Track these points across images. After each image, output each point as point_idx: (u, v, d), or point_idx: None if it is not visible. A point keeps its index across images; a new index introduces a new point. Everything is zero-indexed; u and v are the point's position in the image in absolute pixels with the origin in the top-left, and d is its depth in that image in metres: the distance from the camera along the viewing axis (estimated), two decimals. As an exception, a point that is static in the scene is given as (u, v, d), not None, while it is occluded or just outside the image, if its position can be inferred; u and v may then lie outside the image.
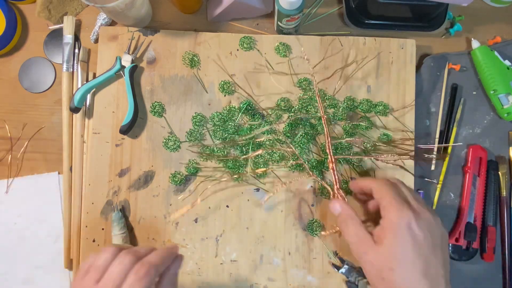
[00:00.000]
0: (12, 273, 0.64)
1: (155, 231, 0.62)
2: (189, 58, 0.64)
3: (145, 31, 0.65)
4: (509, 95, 0.64)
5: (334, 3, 0.69)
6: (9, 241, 0.65)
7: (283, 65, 0.65)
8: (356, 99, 0.64)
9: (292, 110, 0.64)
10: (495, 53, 0.65)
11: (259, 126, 0.63)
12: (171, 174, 0.63)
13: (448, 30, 0.68)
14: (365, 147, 0.63)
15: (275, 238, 0.62)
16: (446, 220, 0.65)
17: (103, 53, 0.64)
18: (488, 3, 0.69)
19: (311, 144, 0.63)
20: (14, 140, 0.67)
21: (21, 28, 0.68)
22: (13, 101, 0.67)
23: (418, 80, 0.66)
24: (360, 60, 0.65)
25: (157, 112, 0.64)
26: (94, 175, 0.63)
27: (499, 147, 0.66)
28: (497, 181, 0.65)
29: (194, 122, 0.64)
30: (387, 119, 0.64)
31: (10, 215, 0.65)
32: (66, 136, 0.65)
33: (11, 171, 0.66)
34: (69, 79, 0.66)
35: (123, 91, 0.64)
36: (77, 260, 0.63)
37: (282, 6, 0.58)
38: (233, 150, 0.63)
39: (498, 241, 0.64)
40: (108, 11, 0.57)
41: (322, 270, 0.62)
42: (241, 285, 0.62)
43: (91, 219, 0.62)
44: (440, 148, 0.65)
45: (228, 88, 0.64)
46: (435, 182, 0.64)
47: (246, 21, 0.68)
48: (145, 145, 0.64)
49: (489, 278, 0.64)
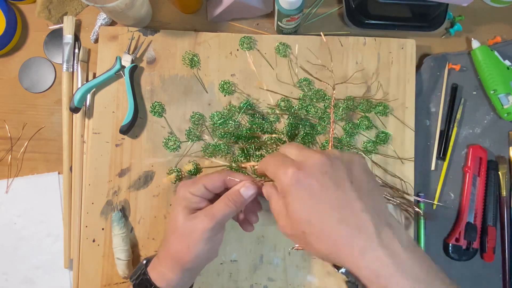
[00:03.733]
0: (12, 273, 0.64)
1: (155, 231, 0.62)
2: (189, 58, 0.64)
3: (145, 31, 0.65)
4: (509, 95, 0.64)
5: (334, 3, 0.69)
6: (9, 241, 0.65)
7: (283, 65, 0.65)
8: (356, 99, 0.64)
9: (292, 110, 0.64)
10: (495, 53, 0.65)
11: (259, 126, 0.63)
12: (167, 171, 0.63)
13: (448, 30, 0.68)
14: (364, 147, 0.63)
15: (275, 238, 0.62)
16: (446, 220, 0.65)
17: (103, 53, 0.64)
18: (488, 3, 0.69)
19: (311, 144, 0.63)
20: (14, 140, 0.67)
21: (21, 28, 0.68)
22: (13, 101, 0.67)
23: (418, 80, 0.66)
24: (360, 60, 0.65)
25: (157, 112, 0.64)
26: (94, 175, 0.63)
27: (499, 147, 0.66)
28: (497, 181, 0.65)
29: (193, 121, 0.64)
30: (387, 119, 0.64)
31: (10, 215, 0.65)
32: (66, 136, 0.65)
33: (11, 171, 0.66)
34: (69, 79, 0.66)
35: (123, 91, 0.64)
36: (77, 260, 0.63)
37: (282, 6, 0.58)
38: (235, 148, 0.63)
39: (498, 241, 0.64)
40: (108, 11, 0.57)
41: (322, 270, 0.62)
42: (241, 285, 0.62)
43: (91, 219, 0.62)
44: (440, 147, 0.65)
45: (228, 88, 0.64)
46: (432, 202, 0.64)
47: (246, 21, 0.68)
48: (145, 145, 0.64)
49: (489, 278, 0.64)
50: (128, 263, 0.60)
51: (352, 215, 0.38)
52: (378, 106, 0.64)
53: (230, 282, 0.62)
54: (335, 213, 0.38)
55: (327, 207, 0.38)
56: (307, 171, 0.39)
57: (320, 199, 0.38)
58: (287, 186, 0.39)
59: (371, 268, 0.36)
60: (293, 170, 0.39)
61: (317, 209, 0.38)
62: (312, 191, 0.38)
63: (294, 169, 0.39)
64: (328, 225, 0.38)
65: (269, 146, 0.62)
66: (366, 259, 0.36)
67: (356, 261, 0.37)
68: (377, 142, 0.63)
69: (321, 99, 0.64)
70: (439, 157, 0.65)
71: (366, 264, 0.36)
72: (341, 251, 0.37)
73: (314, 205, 0.38)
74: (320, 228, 0.38)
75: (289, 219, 0.40)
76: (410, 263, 0.36)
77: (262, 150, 0.63)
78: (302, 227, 0.39)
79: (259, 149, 0.63)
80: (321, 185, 0.39)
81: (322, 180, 0.39)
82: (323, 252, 0.39)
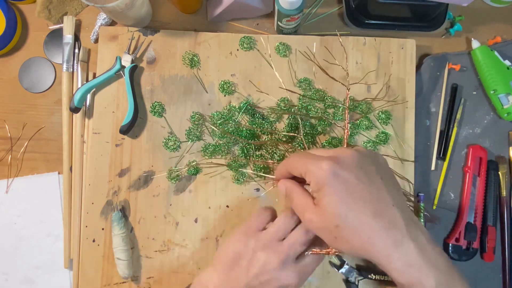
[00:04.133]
0: (12, 273, 0.64)
1: (155, 231, 0.62)
2: (189, 58, 0.64)
3: (145, 31, 0.65)
4: (509, 95, 0.64)
5: (334, 3, 0.69)
6: (9, 241, 0.65)
7: (283, 65, 0.65)
8: (356, 99, 0.64)
9: (292, 110, 0.64)
10: (495, 53, 0.65)
11: (259, 126, 0.63)
12: (167, 171, 0.63)
13: (448, 30, 0.68)
14: (364, 147, 0.63)
15: (275, 238, 0.62)
16: (446, 220, 0.65)
17: (103, 53, 0.64)
18: (488, 3, 0.69)
19: (311, 144, 0.63)
20: (14, 140, 0.67)
21: (21, 28, 0.68)
22: (13, 101, 0.67)
23: (418, 80, 0.66)
24: (360, 60, 0.65)
25: (157, 112, 0.64)
26: (94, 175, 0.63)
27: (499, 147, 0.66)
28: (497, 181, 0.65)
29: (193, 121, 0.64)
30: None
31: (10, 215, 0.65)
32: (66, 136, 0.65)
33: (11, 171, 0.66)
34: (69, 79, 0.66)
35: (123, 91, 0.64)
36: (77, 260, 0.63)
37: (282, 6, 0.58)
38: (235, 148, 0.63)
39: (498, 241, 0.64)
40: (108, 11, 0.57)
41: (322, 270, 0.62)
42: (241, 285, 0.62)
43: (91, 219, 0.62)
44: (440, 147, 0.65)
45: (228, 88, 0.64)
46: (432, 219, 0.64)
47: (246, 21, 0.68)
48: (145, 145, 0.64)
49: (489, 278, 0.64)
50: (128, 263, 0.60)
51: (385, 209, 0.39)
52: (381, 114, 0.64)
53: (230, 282, 0.62)
54: (370, 207, 0.38)
55: (362, 201, 0.39)
56: (343, 165, 0.39)
57: (355, 193, 0.39)
58: (323, 179, 0.39)
59: (404, 260, 0.38)
60: (329, 163, 0.39)
61: (353, 202, 0.38)
62: (348, 185, 0.39)
63: (330, 162, 0.39)
64: (363, 219, 0.38)
65: (269, 146, 0.62)
66: (400, 251, 0.38)
67: (390, 253, 0.38)
68: (377, 142, 0.63)
69: (321, 99, 0.64)
70: (439, 157, 0.65)
71: (399, 256, 0.38)
72: (375, 244, 0.38)
73: (350, 198, 0.38)
74: (356, 221, 0.38)
75: (320, 213, 0.40)
76: (435, 255, 0.39)
77: (262, 150, 0.63)
78: (337, 221, 0.38)
79: (259, 149, 0.63)
80: (357, 178, 0.39)
81: (357, 174, 0.39)
82: (355, 246, 0.39)
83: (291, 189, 0.44)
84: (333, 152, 0.41)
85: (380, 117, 0.64)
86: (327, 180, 0.39)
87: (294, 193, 0.43)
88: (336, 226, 0.39)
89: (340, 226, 0.38)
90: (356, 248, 0.39)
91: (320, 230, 0.41)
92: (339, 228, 0.39)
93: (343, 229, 0.38)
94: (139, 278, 0.62)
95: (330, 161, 0.39)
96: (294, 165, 0.43)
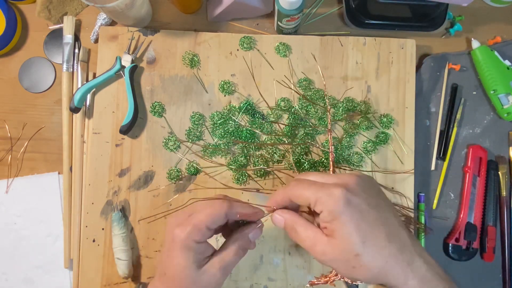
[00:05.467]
0: (12, 273, 0.64)
1: (155, 231, 0.62)
2: (189, 58, 0.64)
3: (145, 31, 0.65)
4: (509, 95, 0.64)
5: (334, 3, 0.69)
6: (9, 241, 0.65)
7: (283, 65, 0.65)
8: (355, 100, 0.64)
9: (292, 110, 0.64)
10: (495, 53, 0.65)
11: (259, 126, 0.63)
12: (168, 171, 0.63)
13: (448, 30, 0.68)
14: (364, 147, 0.63)
15: (275, 238, 0.62)
16: (446, 220, 0.65)
17: (103, 53, 0.64)
18: (488, 3, 0.69)
19: (311, 144, 0.63)
20: (14, 140, 0.67)
21: (21, 28, 0.68)
22: (13, 101, 0.67)
23: (418, 80, 0.66)
24: (360, 60, 0.65)
25: (157, 112, 0.64)
26: (94, 175, 0.63)
27: (499, 147, 0.66)
28: (497, 181, 0.65)
29: (193, 121, 0.64)
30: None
31: (10, 215, 0.65)
32: (66, 136, 0.65)
33: (11, 171, 0.66)
34: (69, 79, 0.66)
35: (123, 91, 0.64)
36: (77, 260, 0.63)
37: (282, 6, 0.58)
38: (235, 148, 0.63)
39: (498, 241, 0.64)
40: (108, 11, 0.57)
41: (322, 270, 0.62)
42: (241, 285, 0.62)
43: (91, 219, 0.62)
44: (440, 147, 0.65)
45: (228, 88, 0.64)
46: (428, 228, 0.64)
47: (246, 21, 0.68)
48: (145, 145, 0.64)
49: (489, 278, 0.64)
50: (128, 263, 0.60)
51: (396, 231, 0.40)
52: (383, 118, 0.64)
53: (230, 282, 0.62)
54: (384, 231, 0.39)
55: (376, 226, 0.39)
56: (353, 191, 0.39)
57: (369, 219, 0.39)
58: (338, 208, 0.38)
59: (418, 277, 0.38)
60: (341, 191, 0.39)
61: (369, 229, 0.38)
62: (362, 211, 0.39)
63: (342, 190, 0.39)
64: (380, 244, 0.38)
65: (269, 146, 0.63)
66: (413, 270, 0.38)
67: (405, 273, 0.38)
68: (377, 142, 0.63)
69: (321, 99, 0.64)
70: (439, 157, 0.65)
71: (413, 275, 0.38)
72: (394, 267, 0.38)
73: (366, 225, 0.38)
74: (374, 248, 0.38)
75: (336, 244, 0.39)
76: (437, 265, 0.40)
77: (262, 150, 0.63)
78: (356, 250, 0.38)
79: (259, 149, 0.63)
80: (367, 204, 0.39)
81: (366, 199, 0.40)
82: (374, 273, 0.38)
83: (293, 222, 0.42)
84: (337, 178, 0.41)
85: (381, 121, 0.64)
86: (342, 209, 0.38)
87: (298, 226, 0.42)
88: (355, 255, 0.38)
89: (359, 254, 0.38)
90: (374, 274, 0.38)
91: (335, 262, 0.40)
92: (358, 256, 0.38)
93: (363, 257, 0.38)
94: (139, 278, 0.62)
95: (341, 188, 0.39)
96: (299, 194, 0.41)
